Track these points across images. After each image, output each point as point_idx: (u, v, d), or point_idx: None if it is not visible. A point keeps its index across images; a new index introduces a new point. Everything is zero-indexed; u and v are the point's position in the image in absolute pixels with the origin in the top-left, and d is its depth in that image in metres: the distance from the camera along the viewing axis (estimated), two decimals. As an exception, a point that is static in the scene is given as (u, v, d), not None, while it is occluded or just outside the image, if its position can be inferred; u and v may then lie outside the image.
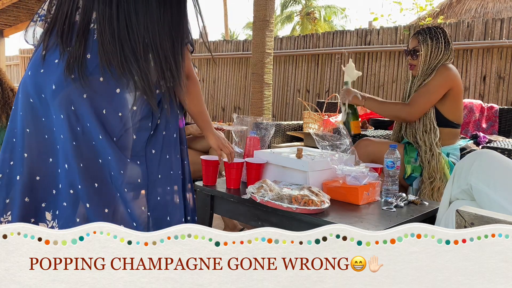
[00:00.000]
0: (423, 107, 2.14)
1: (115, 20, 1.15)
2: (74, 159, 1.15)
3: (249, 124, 2.18)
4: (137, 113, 1.21)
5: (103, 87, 1.15)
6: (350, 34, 5.06)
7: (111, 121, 1.17)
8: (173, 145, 1.30)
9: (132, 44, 1.16)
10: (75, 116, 1.14)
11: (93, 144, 1.15)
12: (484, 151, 1.37)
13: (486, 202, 1.26)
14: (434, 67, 2.16)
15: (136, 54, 1.17)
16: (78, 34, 1.15)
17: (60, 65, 1.14)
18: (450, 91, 2.13)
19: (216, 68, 6.40)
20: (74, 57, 1.13)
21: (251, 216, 1.63)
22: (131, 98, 1.19)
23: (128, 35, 1.16)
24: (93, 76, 1.14)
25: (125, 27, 1.16)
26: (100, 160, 1.17)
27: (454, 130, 2.21)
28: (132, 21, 1.16)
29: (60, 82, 1.14)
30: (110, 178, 1.17)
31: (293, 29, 19.66)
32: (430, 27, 2.23)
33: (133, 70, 1.16)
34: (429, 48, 2.17)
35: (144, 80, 1.18)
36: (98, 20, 1.16)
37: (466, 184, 1.33)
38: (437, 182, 2.06)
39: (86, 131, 1.15)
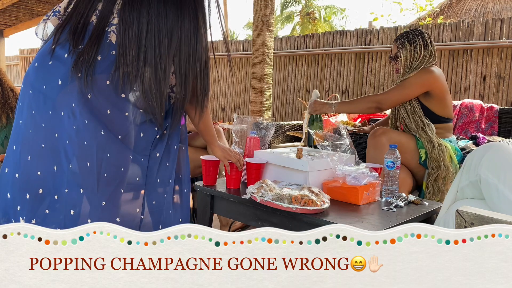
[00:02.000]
0: (394, 98, 2.24)
1: (144, 35, 1.14)
2: (67, 159, 1.13)
3: (249, 124, 2.18)
4: (143, 114, 1.21)
5: (108, 90, 1.14)
6: (350, 34, 5.06)
7: (116, 119, 1.16)
8: (173, 155, 1.30)
9: (157, 62, 1.16)
10: (72, 115, 1.13)
11: (86, 145, 1.13)
12: (496, 144, 1.38)
13: (494, 195, 1.27)
14: (415, 69, 2.24)
15: (157, 74, 1.16)
16: (93, 35, 1.14)
17: (69, 61, 1.13)
18: (431, 92, 2.21)
19: (216, 68, 6.40)
20: (85, 56, 1.12)
21: (251, 216, 1.63)
22: (137, 99, 1.18)
23: (154, 53, 1.15)
24: (101, 78, 1.13)
25: (153, 45, 1.15)
26: (93, 160, 1.14)
27: (447, 125, 2.29)
28: (162, 40, 1.16)
29: (66, 77, 1.13)
30: (104, 177, 1.15)
31: (293, 29, 19.66)
32: (408, 31, 2.31)
33: (150, 88, 1.16)
34: (408, 51, 2.25)
35: (156, 99, 1.17)
36: (122, 30, 1.14)
37: (475, 175, 1.34)
38: (441, 171, 2.11)
39: (81, 130, 1.13)
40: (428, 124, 2.20)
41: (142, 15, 1.15)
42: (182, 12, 1.19)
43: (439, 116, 2.24)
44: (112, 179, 1.16)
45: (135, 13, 1.15)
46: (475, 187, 1.35)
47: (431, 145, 2.14)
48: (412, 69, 2.24)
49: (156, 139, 1.25)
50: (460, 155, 2.26)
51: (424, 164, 2.20)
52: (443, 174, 2.11)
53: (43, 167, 1.17)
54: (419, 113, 2.22)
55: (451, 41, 4.33)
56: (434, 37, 4.43)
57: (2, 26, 6.55)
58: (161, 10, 1.17)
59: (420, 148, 2.17)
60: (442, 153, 2.13)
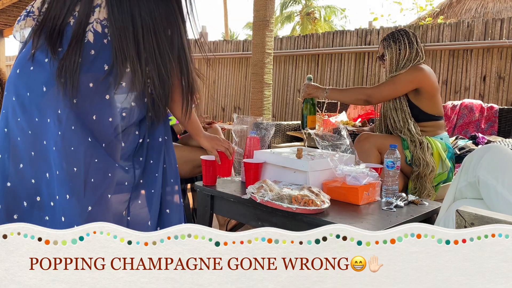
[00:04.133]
0: (384, 93, 2.28)
1: (141, 37, 1.14)
2: (53, 166, 1.12)
3: (249, 124, 2.18)
4: (125, 119, 1.19)
5: (92, 93, 1.13)
6: (350, 34, 5.06)
7: (101, 127, 1.14)
8: (156, 149, 1.28)
9: (159, 63, 1.16)
10: (58, 121, 1.11)
11: (72, 150, 1.11)
12: (495, 146, 1.38)
13: (492, 196, 1.27)
14: (403, 67, 2.28)
15: (161, 74, 1.17)
16: (73, 39, 1.12)
17: (50, 65, 1.11)
18: (421, 89, 2.24)
19: (216, 68, 6.40)
20: (67, 62, 1.10)
21: (251, 216, 1.63)
22: (121, 101, 1.17)
23: (155, 54, 1.15)
24: (84, 80, 1.12)
25: (152, 47, 1.15)
26: (81, 165, 1.13)
27: (438, 122, 2.32)
28: (160, 40, 1.16)
29: (50, 83, 1.11)
30: (91, 182, 1.14)
31: (293, 29, 19.66)
32: (394, 31, 2.36)
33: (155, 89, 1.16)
34: (393, 51, 2.30)
35: (161, 99, 1.17)
36: (118, 35, 1.13)
37: (474, 176, 1.34)
38: (422, 168, 2.15)
39: (67, 135, 1.11)
40: (413, 122, 2.25)
41: (135, 16, 1.14)
42: (167, 9, 1.18)
43: (429, 114, 2.28)
44: (99, 184, 1.14)
45: (127, 15, 1.13)
46: (474, 188, 1.35)
47: (413, 144, 2.18)
48: (400, 68, 2.28)
49: (138, 144, 1.24)
50: (451, 152, 2.27)
51: (411, 164, 2.23)
52: (424, 171, 2.14)
53: (36, 174, 1.16)
54: (406, 111, 2.27)
55: (451, 41, 4.33)
56: (434, 37, 4.44)
57: (2, 26, 6.55)
58: (153, 9, 1.15)
59: (406, 149, 2.21)
60: (423, 151, 2.17)
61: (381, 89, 2.29)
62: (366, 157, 2.13)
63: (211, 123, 2.54)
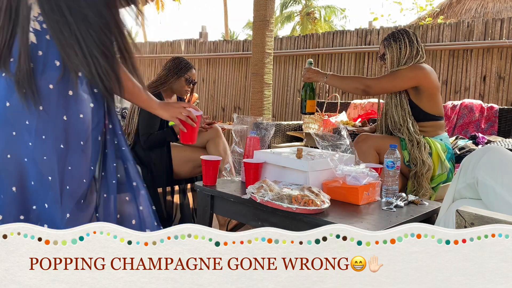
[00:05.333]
0: (383, 86, 2.28)
1: (76, 29, 1.12)
2: (28, 177, 1.12)
3: (249, 124, 2.18)
4: (93, 117, 1.19)
5: (55, 94, 1.12)
6: (350, 34, 5.06)
7: (74, 125, 1.14)
8: (112, 149, 1.26)
9: (101, 48, 1.14)
10: (27, 132, 1.11)
11: (45, 160, 1.11)
12: (494, 147, 1.38)
13: (491, 197, 1.27)
14: (404, 64, 2.28)
15: (108, 58, 1.15)
16: (21, 46, 1.11)
17: (7, 79, 1.11)
18: (422, 88, 2.24)
19: (216, 68, 6.40)
20: (22, 72, 1.09)
21: (251, 216, 1.63)
22: (87, 96, 1.16)
23: (95, 41, 1.13)
24: (42, 85, 1.11)
25: (89, 35, 1.13)
26: (55, 174, 1.13)
27: (438, 123, 2.31)
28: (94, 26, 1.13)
29: (11, 97, 1.10)
30: (67, 189, 1.14)
31: (293, 29, 19.66)
32: (394, 31, 2.37)
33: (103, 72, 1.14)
34: (394, 50, 2.31)
35: (112, 80, 1.16)
36: (56, 35, 1.11)
37: (472, 177, 1.34)
38: (419, 167, 2.15)
39: (38, 146, 1.11)
40: (412, 122, 2.25)
41: (64, 11, 1.11)
42: None
43: (430, 114, 2.28)
44: (75, 191, 1.15)
45: (57, 12, 1.11)
46: (472, 189, 1.35)
47: (411, 143, 2.19)
48: (401, 65, 2.28)
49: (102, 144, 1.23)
50: (451, 152, 2.28)
51: (409, 165, 2.23)
52: (421, 170, 2.15)
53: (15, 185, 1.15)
54: (406, 110, 2.27)
55: (451, 41, 4.33)
56: (434, 37, 4.44)
57: None
58: None
59: (404, 149, 2.21)
60: (420, 150, 2.17)
61: (381, 81, 2.29)
62: (364, 158, 2.13)
63: (211, 123, 2.54)
